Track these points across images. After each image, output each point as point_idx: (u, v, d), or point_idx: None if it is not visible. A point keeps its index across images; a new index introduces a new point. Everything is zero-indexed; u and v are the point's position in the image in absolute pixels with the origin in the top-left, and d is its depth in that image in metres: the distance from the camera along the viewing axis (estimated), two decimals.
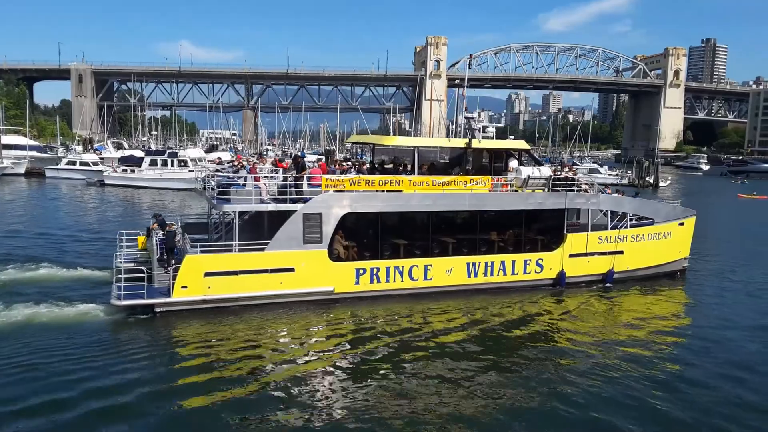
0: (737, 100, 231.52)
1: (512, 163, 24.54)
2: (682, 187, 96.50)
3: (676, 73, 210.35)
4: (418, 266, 21.79)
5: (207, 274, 19.13)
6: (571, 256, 23.89)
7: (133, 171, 68.16)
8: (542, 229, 23.97)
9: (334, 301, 20.71)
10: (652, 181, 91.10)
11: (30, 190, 62.30)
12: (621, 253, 24.79)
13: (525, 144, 26.72)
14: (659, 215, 26.18)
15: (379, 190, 21.52)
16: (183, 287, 18.88)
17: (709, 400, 14.05)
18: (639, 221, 25.66)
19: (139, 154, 74.87)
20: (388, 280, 21.35)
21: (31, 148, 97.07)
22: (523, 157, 26.12)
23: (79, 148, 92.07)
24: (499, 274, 22.92)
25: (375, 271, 21.20)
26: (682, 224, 26.66)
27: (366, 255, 21.39)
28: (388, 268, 21.36)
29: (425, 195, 21.98)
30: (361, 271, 21.06)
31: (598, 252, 24.49)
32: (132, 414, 12.51)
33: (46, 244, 30.03)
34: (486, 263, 22.73)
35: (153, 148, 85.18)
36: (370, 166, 24.70)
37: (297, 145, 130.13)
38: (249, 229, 21.63)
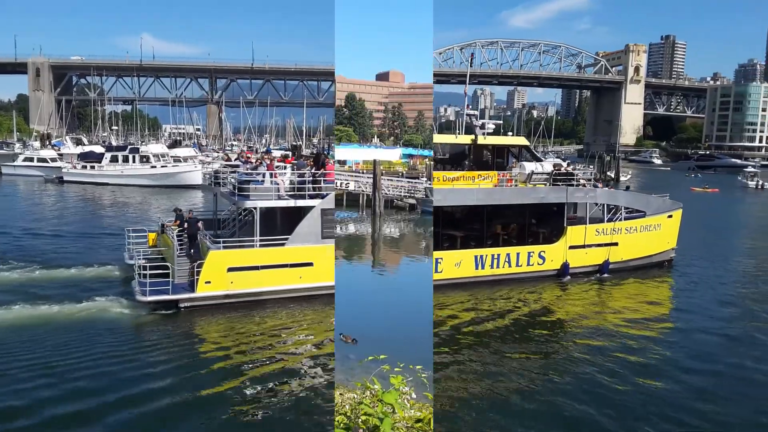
0: (695, 96, 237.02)
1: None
2: (641, 181, 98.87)
3: (637, 69, 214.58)
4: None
5: (230, 269, 19.41)
6: (571, 248, 24.77)
7: (93, 167, 66.35)
8: (545, 222, 24.92)
9: None
10: (613, 176, 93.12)
11: None
12: (616, 244, 25.76)
13: (525, 141, 28.11)
14: (650, 208, 27.19)
15: None
16: (207, 282, 19.15)
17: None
18: (631, 214, 26.65)
19: (99, 150, 72.65)
20: None
21: None
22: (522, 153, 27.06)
23: (37, 144, 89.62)
24: (505, 266, 23.73)
25: None
26: (671, 216, 27.74)
27: None
28: None
29: (436, 191, 22.95)
30: None
31: (596, 244, 25.43)
32: (170, 415, 12.59)
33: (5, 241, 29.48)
34: (493, 255, 23.49)
35: (114, 143, 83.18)
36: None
37: (263, 140, 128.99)
38: (261, 225, 21.76)
